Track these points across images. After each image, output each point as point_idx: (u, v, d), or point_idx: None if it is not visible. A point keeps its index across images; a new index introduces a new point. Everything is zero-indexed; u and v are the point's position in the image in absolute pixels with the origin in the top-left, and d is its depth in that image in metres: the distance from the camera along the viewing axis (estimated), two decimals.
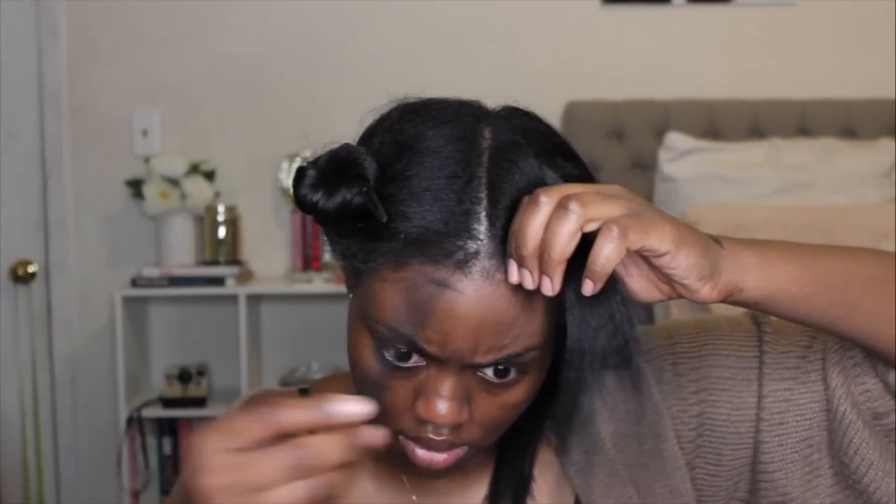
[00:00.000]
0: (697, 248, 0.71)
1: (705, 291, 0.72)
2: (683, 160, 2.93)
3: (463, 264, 0.72)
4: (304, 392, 0.91)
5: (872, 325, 0.77)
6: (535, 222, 0.68)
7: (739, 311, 0.89)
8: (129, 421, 2.97)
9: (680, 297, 0.73)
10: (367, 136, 0.78)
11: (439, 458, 0.77)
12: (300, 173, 0.74)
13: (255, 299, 3.09)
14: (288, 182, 3.10)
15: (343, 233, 0.75)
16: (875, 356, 0.80)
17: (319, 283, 3.02)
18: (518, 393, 0.77)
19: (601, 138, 3.05)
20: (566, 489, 0.87)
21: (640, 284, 0.73)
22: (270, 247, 3.19)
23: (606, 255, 0.67)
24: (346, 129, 0.80)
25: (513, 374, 0.76)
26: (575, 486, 0.86)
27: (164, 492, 3.07)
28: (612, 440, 0.87)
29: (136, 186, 3.01)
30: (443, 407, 0.74)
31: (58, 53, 3.10)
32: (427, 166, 0.73)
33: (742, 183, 2.90)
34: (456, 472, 0.84)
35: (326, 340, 3.13)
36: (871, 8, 3.16)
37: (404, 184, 0.73)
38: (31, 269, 3.11)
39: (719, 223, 2.74)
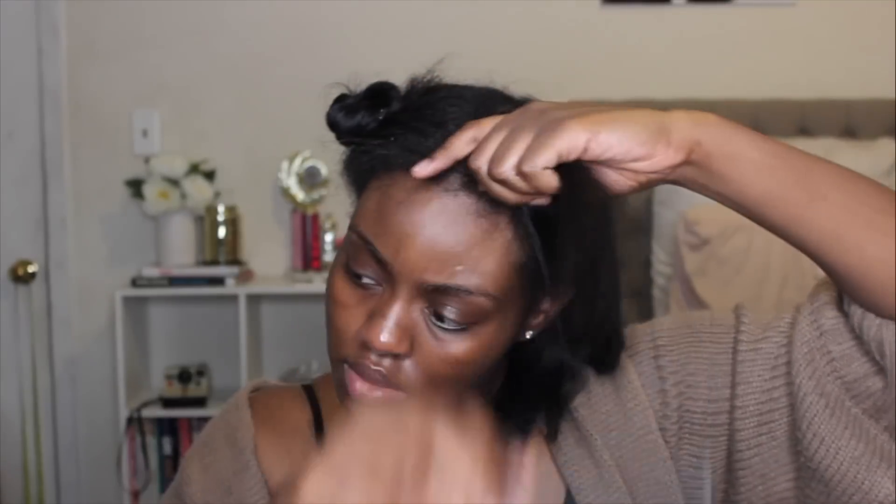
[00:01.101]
0: (623, 120, 0.71)
1: (660, 152, 0.71)
2: None
3: (435, 176, 0.75)
4: (307, 387, 0.93)
5: (836, 222, 0.72)
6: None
7: (728, 308, 0.90)
8: (129, 421, 2.97)
9: (651, 182, 0.73)
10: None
11: (375, 392, 0.78)
12: (340, 97, 0.81)
13: (255, 299, 3.09)
14: (288, 182, 3.11)
15: (356, 153, 0.81)
16: (834, 274, 0.75)
17: (319, 283, 3.02)
18: (462, 347, 0.77)
19: None
20: (558, 481, 0.89)
21: (609, 178, 0.73)
22: (270, 247, 3.19)
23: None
24: None
25: (457, 325, 0.77)
26: (566, 476, 0.88)
27: (164, 492, 3.07)
28: (600, 433, 0.88)
29: (136, 186, 3.01)
30: (384, 329, 0.76)
31: (58, 53, 3.10)
32: (443, 105, 0.79)
33: None
34: None
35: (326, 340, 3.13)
36: (871, 8, 3.16)
37: (416, 113, 0.78)
38: (31, 268, 3.11)
39: (719, 223, 2.74)
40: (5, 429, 3.10)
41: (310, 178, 3.09)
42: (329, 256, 3.09)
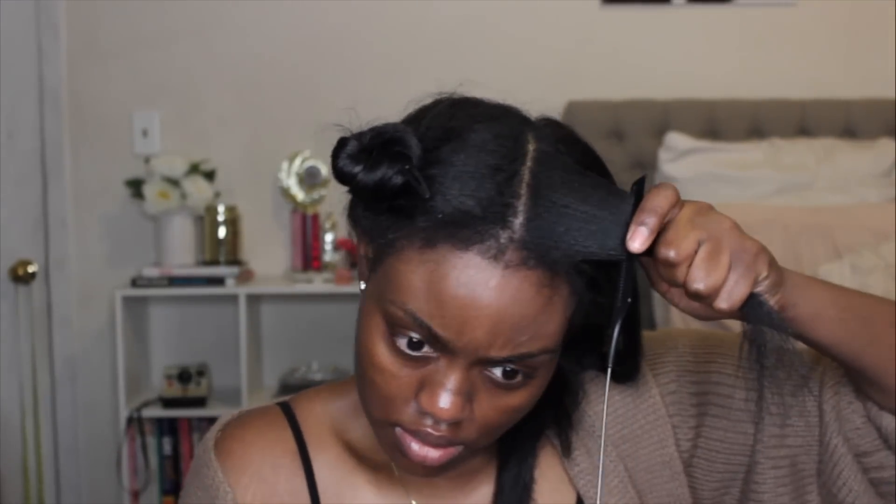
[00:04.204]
0: (776, 268, 0.74)
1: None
2: (683, 160, 2.93)
3: (493, 253, 0.71)
4: (285, 406, 0.90)
5: (885, 357, 0.80)
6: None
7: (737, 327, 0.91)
8: (129, 421, 2.97)
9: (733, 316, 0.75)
10: (413, 120, 0.78)
11: (433, 454, 0.76)
12: (341, 143, 0.74)
13: (255, 299, 3.09)
14: (288, 182, 3.11)
15: (375, 209, 0.75)
16: (885, 391, 0.82)
17: (319, 283, 3.02)
18: (521, 397, 0.76)
19: (601, 138, 3.05)
20: (569, 491, 0.88)
21: (693, 306, 0.76)
22: (270, 247, 3.19)
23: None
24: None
25: (519, 378, 0.75)
26: (578, 487, 0.88)
27: (164, 492, 3.07)
28: (614, 443, 0.88)
29: (136, 186, 3.01)
30: (446, 401, 0.73)
31: (58, 53, 3.10)
32: (472, 155, 0.72)
33: (742, 183, 2.90)
34: (451, 472, 0.83)
35: (326, 340, 3.13)
36: (871, 8, 3.16)
37: (448, 168, 0.72)
38: (31, 268, 3.11)
39: None
40: (5, 429, 3.10)
41: (310, 178, 3.09)
42: (329, 256, 3.09)
